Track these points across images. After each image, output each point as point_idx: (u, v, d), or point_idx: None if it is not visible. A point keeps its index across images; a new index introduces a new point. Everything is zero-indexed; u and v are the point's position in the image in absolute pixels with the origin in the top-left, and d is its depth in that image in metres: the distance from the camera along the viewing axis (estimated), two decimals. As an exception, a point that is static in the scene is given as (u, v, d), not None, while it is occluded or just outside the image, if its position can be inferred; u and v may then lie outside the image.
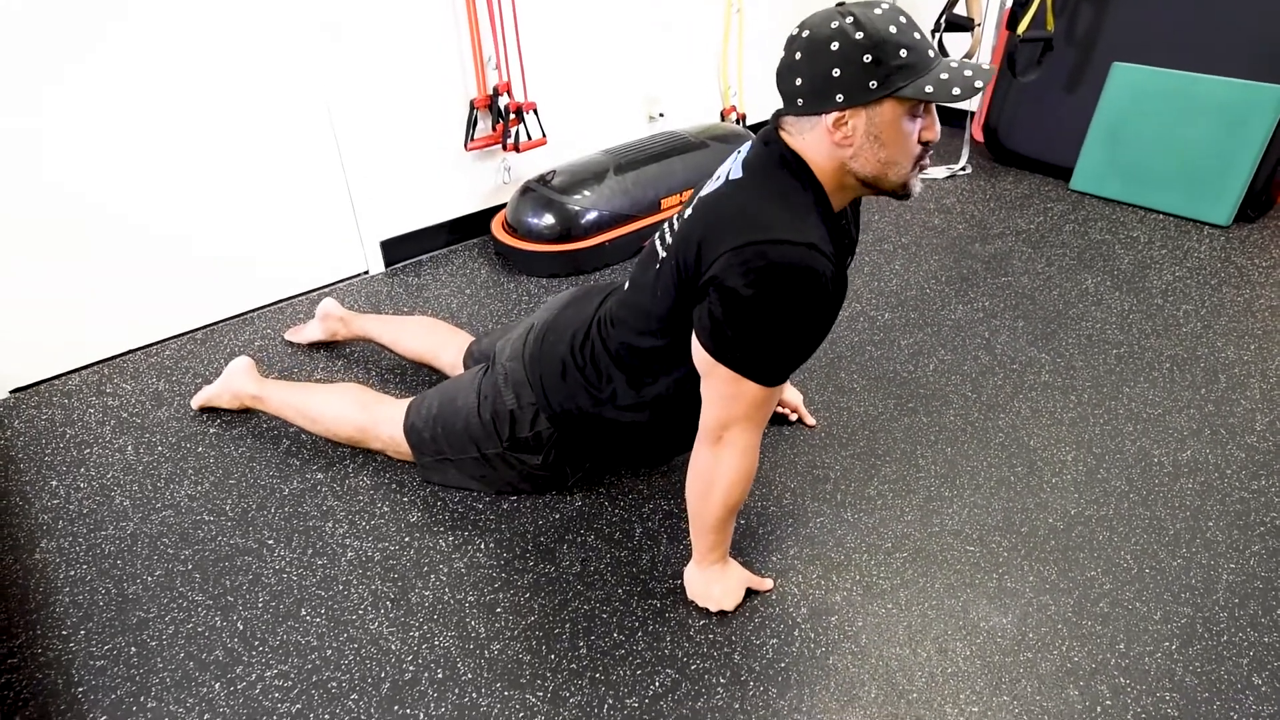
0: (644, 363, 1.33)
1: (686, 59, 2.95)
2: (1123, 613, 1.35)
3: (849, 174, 1.10)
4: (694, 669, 1.26)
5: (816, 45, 1.02)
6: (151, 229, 1.93)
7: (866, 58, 1.00)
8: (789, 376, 1.17)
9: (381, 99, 2.18)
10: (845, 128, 1.05)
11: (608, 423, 1.39)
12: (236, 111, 1.95)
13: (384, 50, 2.13)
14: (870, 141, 1.05)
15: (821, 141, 1.08)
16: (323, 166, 2.16)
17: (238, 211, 2.06)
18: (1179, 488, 1.60)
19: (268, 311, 2.20)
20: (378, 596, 1.37)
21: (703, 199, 1.18)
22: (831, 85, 1.02)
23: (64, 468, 1.65)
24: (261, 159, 2.04)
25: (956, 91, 1.00)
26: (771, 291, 1.04)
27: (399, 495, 1.58)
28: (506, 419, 1.44)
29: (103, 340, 1.96)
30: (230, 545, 1.46)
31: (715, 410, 1.17)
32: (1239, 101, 2.49)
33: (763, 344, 1.08)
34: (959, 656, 1.28)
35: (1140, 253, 2.49)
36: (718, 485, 1.22)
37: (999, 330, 2.11)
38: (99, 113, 1.76)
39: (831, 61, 1.01)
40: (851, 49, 1.00)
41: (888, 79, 1.00)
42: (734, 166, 1.17)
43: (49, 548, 1.46)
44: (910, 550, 1.47)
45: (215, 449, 1.69)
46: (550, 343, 1.44)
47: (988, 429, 1.77)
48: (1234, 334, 2.08)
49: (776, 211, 1.07)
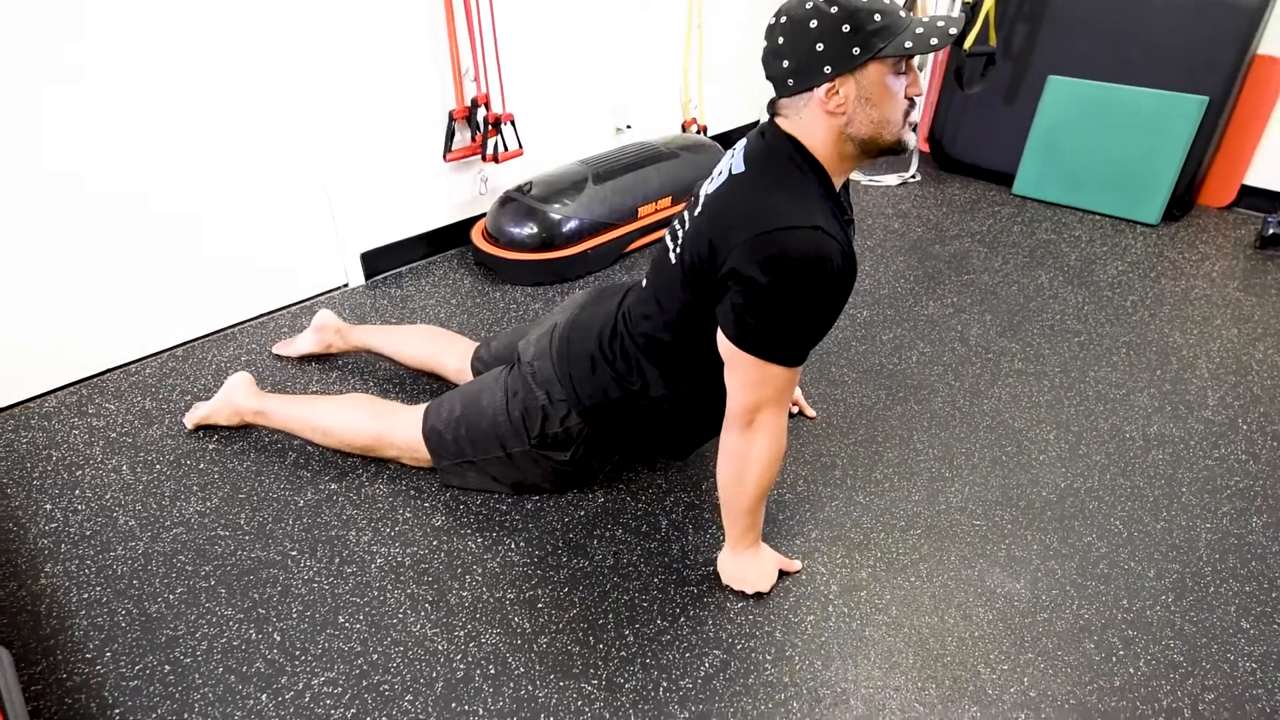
0: (669, 355, 1.37)
1: (650, 73, 3.03)
2: (1120, 573, 1.46)
3: (847, 141, 1.16)
4: (740, 648, 1.29)
5: (797, 26, 1.09)
6: (126, 244, 1.85)
7: (845, 27, 1.06)
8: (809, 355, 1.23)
9: (364, 111, 2.16)
10: (837, 96, 1.10)
11: (639, 413, 1.42)
12: (215, 124, 1.90)
13: (366, 62, 2.12)
14: (862, 104, 1.11)
15: (816, 116, 1.14)
16: (304, 178, 2.12)
17: (217, 225, 1.99)
18: (1151, 459, 1.74)
19: (249, 326, 2.14)
20: (415, 600, 1.35)
21: (709, 196, 1.23)
22: (818, 59, 1.08)
23: (56, 490, 1.56)
24: (242, 171, 1.99)
25: (934, 42, 1.07)
26: (786, 276, 1.09)
27: (419, 500, 1.56)
28: (538, 415, 1.45)
29: (78, 360, 1.86)
30: (252, 559, 1.42)
31: (743, 396, 1.21)
32: (1162, 110, 2.72)
33: (784, 327, 1.14)
34: (983, 621, 1.35)
35: (1084, 250, 2.69)
36: (751, 468, 1.26)
37: (970, 324, 2.24)
38: (71, 118, 1.69)
39: (813, 37, 1.07)
40: (830, 22, 1.06)
41: (868, 43, 1.07)
42: (735, 161, 1.23)
43: (55, 572, 1.38)
44: (923, 527, 1.55)
45: (218, 464, 1.63)
46: (577, 340, 1.46)
47: (974, 413, 1.87)
48: (1177, 320, 2.26)
49: (782, 199, 1.13)
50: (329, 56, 2.04)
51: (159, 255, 1.91)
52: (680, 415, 1.43)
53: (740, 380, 1.21)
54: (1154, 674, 1.27)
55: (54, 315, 1.79)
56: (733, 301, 1.15)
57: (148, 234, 1.88)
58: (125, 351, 1.94)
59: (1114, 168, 2.86)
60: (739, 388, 1.21)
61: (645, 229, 2.59)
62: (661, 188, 2.61)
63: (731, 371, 1.22)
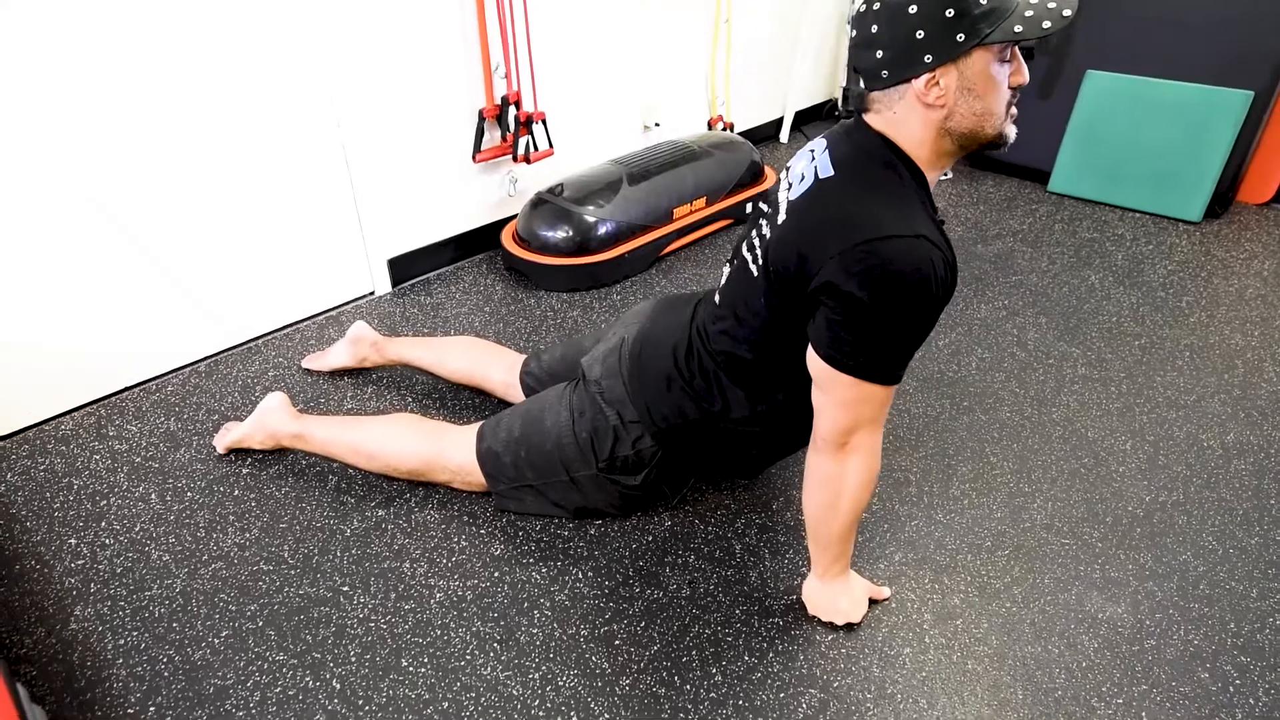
0: (753, 374, 1.27)
1: (678, 70, 2.93)
2: (1223, 593, 1.37)
3: (945, 136, 1.06)
4: (837, 686, 1.20)
5: (894, 12, 0.99)
6: (144, 253, 1.73)
7: (949, 12, 0.96)
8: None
9: (390, 111, 2.05)
10: (938, 88, 1.01)
11: (719, 435, 1.32)
12: (235, 127, 1.78)
13: (393, 60, 2.01)
14: (964, 95, 1.02)
15: (913, 110, 1.04)
16: (331, 183, 2.00)
17: (238, 234, 1.87)
18: (1234, 469, 1.66)
19: (274, 338, 2.02)
20: (482, 639, 1.24)
21: (793, 203, 1.13)
22: (917, 47, 0.99)
23: (81, 523, 1.44)
24: (264, 176, 1.87)
25: (1047, 25, 0.96)
26: (888, 291, 1.00)
27: (474, 528, 1.45)
28: (608, 436, 1.35)
29: (94, 378, 1.74)
30: (301, 596, 1.31)
31: (838, 417, 1.12)
32: (1205, 105, 2.65)
33: (884, 344, 1.04)
34: (1089, 650, 1.27)
35: (1129, 249, 2.61)
36: (847, 492, 1.17)
37: (1025, 327, 2.15)
38: (86, 126, 1.57)
39: (913, 24, 0.98)
40: (931, 7, 0.97)
41: (974, 28, 0.97)
42: (820, 163, 1.13)
43: (86, 615, 1.26)
44: (1010, 547, 1.46)
45: (254, 491, 1.52)
46: (649, 356, 1.36)
47: (1044, 423, 1.79)
48: (1236, 321, 2.19)
49: (879, 207, 1.03)
50: (354, 54, 1.93)
51: (177, 265, 1.79)
52: (764, 435, 1.33)
53: (835, 401, 1.11)
54: (1275, 704, 1.19)
55: (68, 330, 1.66)
56: (827, 318, 1.05)
57: (165, 242, 1.76)
58: (144, 368, 1.82)
59: (1155, 164, 2.79)
60: (833, 409, 1.11)
61: (681, 230, 2.49)
62: (697, 188, 2.51)
63: (824, 392, 1.12)
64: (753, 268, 1.20)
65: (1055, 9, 0.98)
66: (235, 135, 1.79)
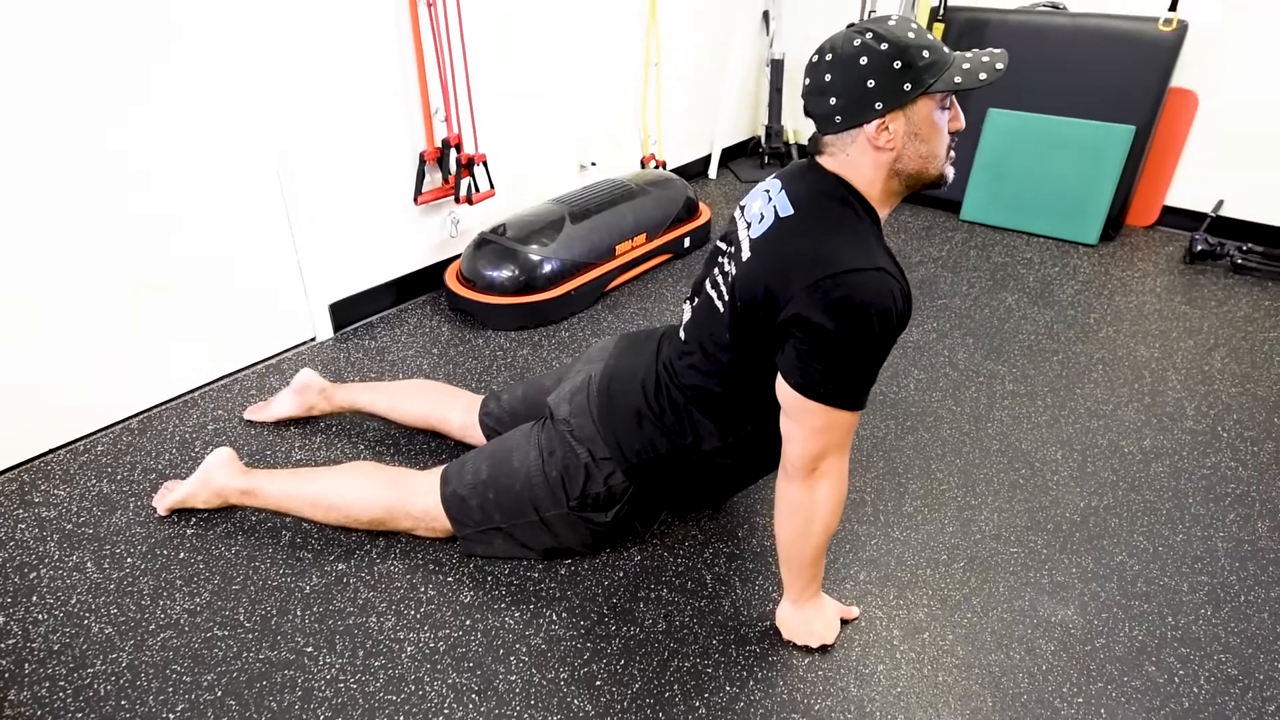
0: (722, 407, 1.30)
1: (611, 111, 2.99)
2: (1158, 589, 1.47)
3: (894, 176, 1.14)
4: (818, 709, 1.22)
5: (846, 63, 1.07)
6: (67, 303, 1.63)
7: (896, 64, 1.06)
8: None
9: (330, 154, 2.02)
10: (887, 132, 1.09)
11: (691, 466, 1.34)
12: (172, 167, 1.72)
13: (333, 104, 1.98)
14: (911, 140, 1.10)
15: (864, 153, 1.12)
16: (269, 226, 1.95)
17: (172, 279, 1.79)
18: (1153, 472, 1.79)
19: (212, 390, 1.92)
20: (459, 691, 1.21)
21: (757, 240, 1.18)
22: (868, 95, 1.07)
23: (8, 598, 1.32)
24: (200, 220, 1.80)
25: (983, 77, 1.07)
26: (854, 321, 1.05)
27: (441, 575, 1.42)
28: (580, 474, 1.35)
29: (14, 441, 1.62)
30: (262, 660, 1.24)
31: (807, 444, 1.16)
32: (1095, 139, 2.89)
33: (850, 372, 1.10)
34: (1046, 653, 1.33)
35: (1038, 271, 2.80)
36: (818, 517, 1.21)
37: (955, 348, 2.28)
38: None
39: (864, 74, 1.06)
40: (881, 59, 1.06)
41: (919, 79, 1.06)
42: (779, 202, 1.19)
43: (22, 699, 1.15)
44: (965, 559, 1.52)
45: (201, 552, 1.44)
46: (618, 392, 1.37)
47: (981, 438, 1.88)
48: (1139, 335, 2.37)
49: (841, 242, 1.10)
50: (293, 98, 1.90)
51: (105, 314, 1.70)
52: (735, 466, 1.36)
53: (805, 429, 1.14)
54: (1217, 691, 1.28)
55: (-17, 391, 1.55)
56: (797, 349, 1.10)
57: (91, 290, 1.66)
58: (70, 427, 1.70)
59: (1054, 193, 3.01)
60: (803, 436, 1.15)
61: (624, 266, 2.53)
62: (637, 224, 2.56)
63: (795, 420, 1.15)
64: (718, 304, 1.24)
65: (989, 63, 1.08)
66: (169, 176, 1.72)
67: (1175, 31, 2.71)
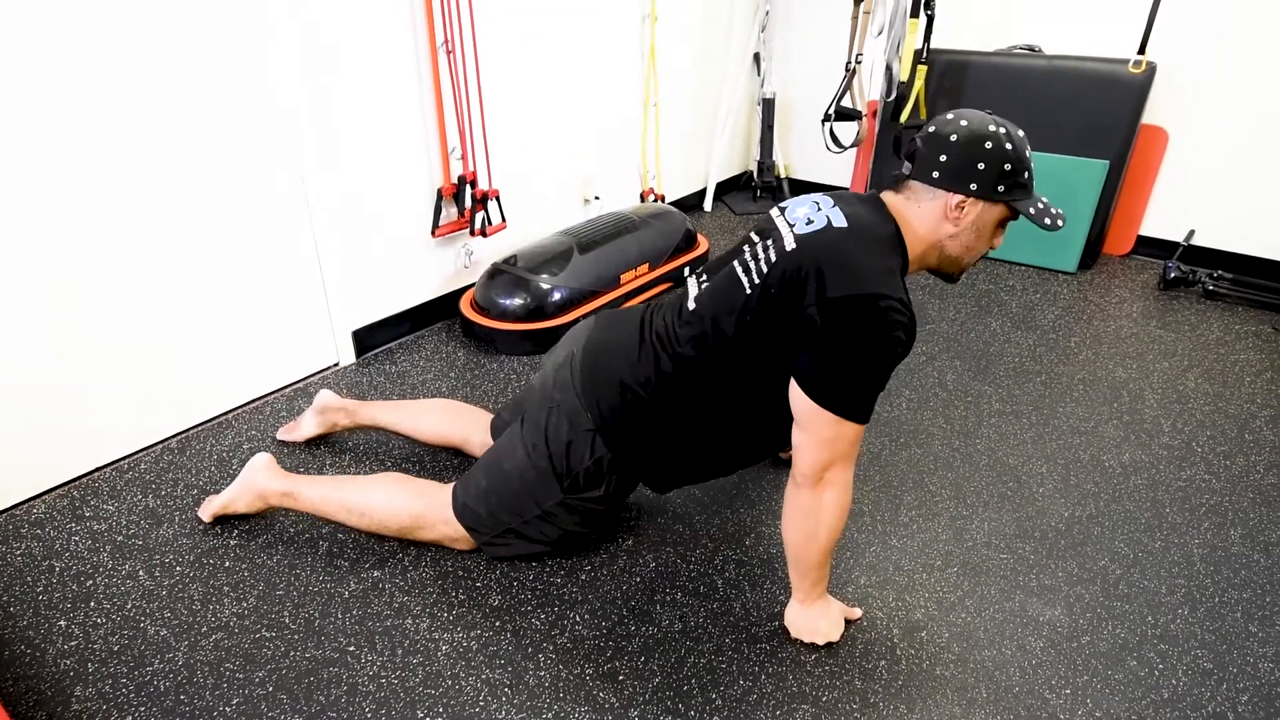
0: (711, 381, 1.36)
1: (613, 148, 3.15)
2: (1139, 591, 1.58)
3: (937, 248, 1.30)
4: (825, 700, 1.31)
5: (974, 136, 1.21)
6: (111, 332, 1.74)
7: (1007, 165, 1.20)
8: None
9: (356, 191, 2.14)
10: (962, 211, 1.24)
11: (671, 438, 1.42)
12: (208, 206, 1.84)
13: (358, 145, 2.12)
14: (971, 230, 1.27)
15: (934, 214, 1.27)
16: (298, 259, 2.06)
17: (208, 310, 1.90)
18: (1132, 484, 1.90)
19: (244, 412, 2.03)
20: (492, 685, 1.30)
21: (805, 237, 1.26)
22: (971, 173, 1.21)
23: (68, 605, 1.41)
24: (235, 253, 1.92)
25: (1047, 222, 1.24)
26: (874, 340, 1.18)
27: (470, 580, 1.51)
28: (563, 454, 1.43)
29: (64, 460, 1.72)
30: (308, 659, 1.32)
31: (816, 454, 1.26)
32: (1071, 173, 3.06)
33: (862, 386, 1.21)
34: (1036, 649, 1.43)
35: (1021, 297, 2.94)
36: (824, 523, 1.31)
37: (944, 370, 2.40)
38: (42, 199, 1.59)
39: (980, 154, 1.20)
40: (999, 152, 1.20)
41: (1012, 189, 1.22)
42: (833, 214, 1.28)
43: (87, 695, 1.24)
44: (959, 564, 1.63)
45: (245, 561, 1.53)
46: (604, 365, 1.45)
47: (971, 454, 2.00)
48: (1117, 357, 2.51)
49: (880, 270, 1.22)
50: (322, 139, 2.03)
51: (146, 343, 1.80)
52: (715, 443, 1.44)
53: (815, 438, 1.25)
54: (1193, 683, 1.38)
55: (34, 412, 1.64)
56: (814, 359, 1.21)
57: (133, 321, 1.77)
58: (115, 448, 1.80)
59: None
60: (813, 446, 1.26)
61: (628, 294, 2.65)
62: (640, 254, 2.69)
63: (805, 431, 1.26)
64: (744, 281, 1.31)
65: (1054, 215, 1.25)
66: (205, 214, 1.84)
67: (1145, 72, 2.89)
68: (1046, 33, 3.20)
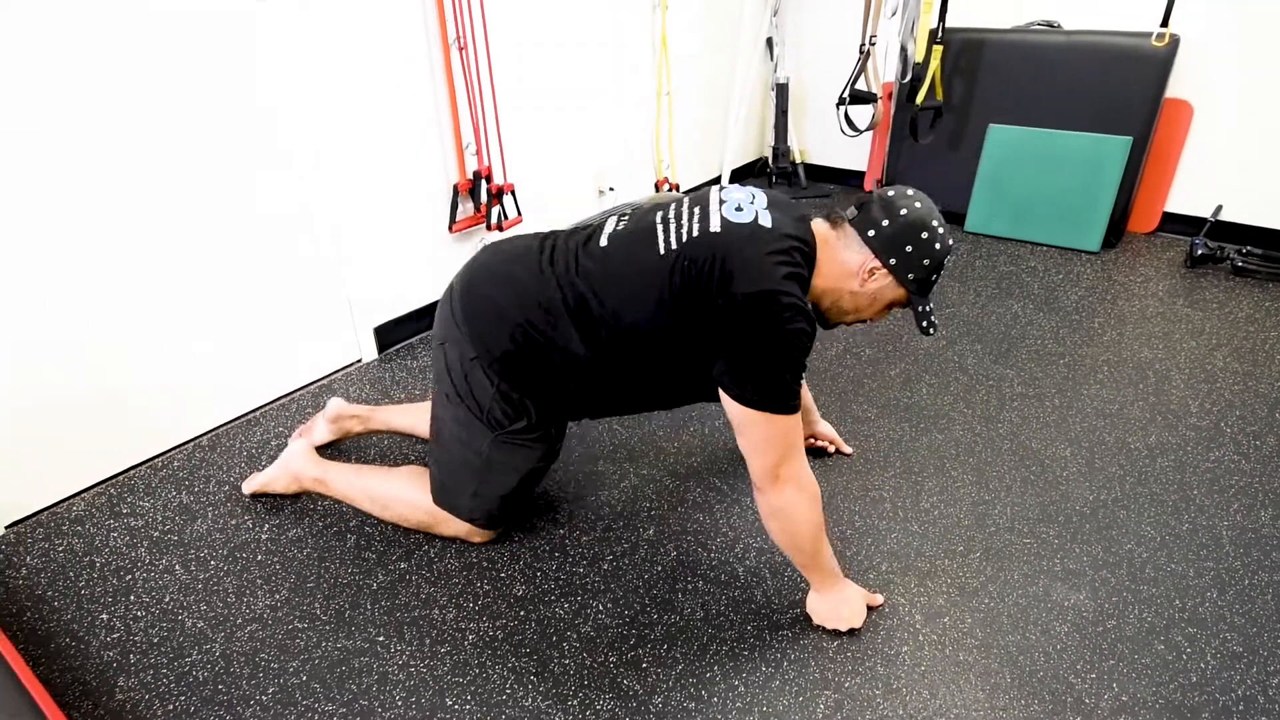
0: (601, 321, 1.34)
1: (626, 138, 3.15)
2: (1166, 575, 1.56)
3: (835, 294, 1.36)
4: (848, 686, 1.32)
5: (919, 223, 1.28)
6: (141, 333, 1.78)
7: (928, 261, 1.29)
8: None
9: (373, 189, 2.17)
10: (872, 279, 1.31)
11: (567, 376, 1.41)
12: (230, 208, 1.87)
13: (374, 144, 2.14)
14: (869, 296, 1.34)
15: (849, 265, 1.32)
16: (319, 258, 2.09)
17: (234, 311, 1.94)
18: (1159, 466, 1.88)
19: (271, 409, 2.07)
20: (519, 673, 1.32)
21: (730, 224, 1.28)
22: (898, 250, 1.28)
23: (109, 599, 1.46)
24: (256, 254, 1.95)
25: (924, 325, 1.36)
26: (778, 333, 1.22)
27: (494, 571, 1.54)
28: (468, 390, 1.42)
29: (100, 459, 1.77)
30: (340, 649, 1.36)
31: (762, 457, 1.29)
32: (1093, 151, 3.01)
33: (779, 379, 1.25)
34: (1060, 633, 1.43)
35: (1043, 279, 2.91)
36: (797, 519, 1.33)
37: (965, 354, 2.39)
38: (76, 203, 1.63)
39: (915, 240, 1.28)
40: (930, 249, 1.29)
41: (919, 282, 1.31)
42: (761, 213, 1.30)
43: (130, 685, 1.28)
44: (981, 550, 1.62)
45: (276, 555, 1.57)
46: (480, 294, 1.42)
47: (993, 438, 1.99)
48: (1143, 337, 2.47)
49: (786, 275, 1.25)
50: (338, 139, 2.05)
51: (175, 345, 1.84)
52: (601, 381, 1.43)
53: (754, 441, 1.29)
54: (1222, 667, 1.37)
55: (70, 413, 1.69)
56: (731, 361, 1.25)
57: (162, 325, 1.81)
58: (148, 446, 1.85)
59: (1055, 203, 3.13)
60: (755, 450, 1.30)
61: (646, 286, 2.66)
62: (656, 245, 2.69)
63: (745, 436, 1.30)
64: (661, 242, 1.30)
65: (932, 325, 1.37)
66: (225, 215, 1.87)
67: (1168, 45, 2.83)
68: (1065, 7, 3.14)
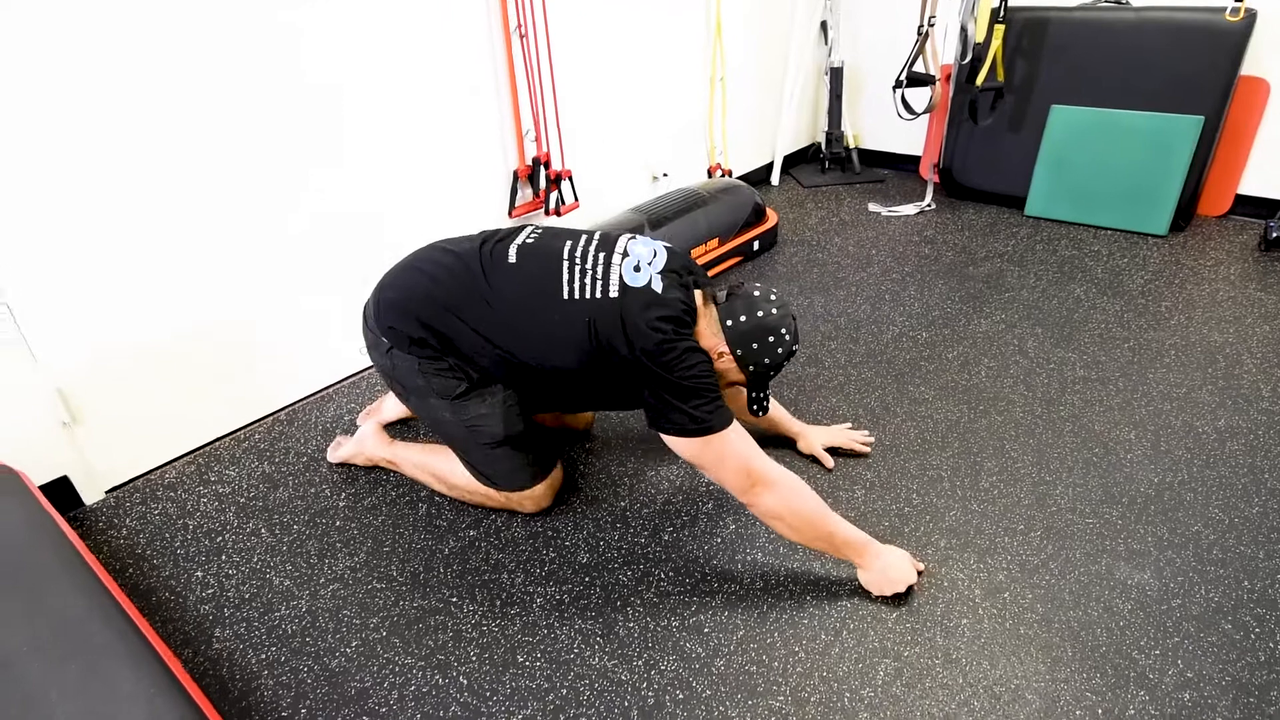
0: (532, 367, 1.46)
1: (680, 124, 3.17)
2: (1234, 556, 1.54)
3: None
4: (907, 655, 1.34)
5: (772, 326, 1.40)
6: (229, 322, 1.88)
7: (768, 360, 1.41)
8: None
9: (437, 177, 2.25)
10: (720, 360, 1.41)
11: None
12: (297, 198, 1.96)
13: (438, 135, 2.21)
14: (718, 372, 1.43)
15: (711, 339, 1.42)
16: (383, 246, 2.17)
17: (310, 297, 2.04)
18: (1228, 450, 1.84)
19: (343, 387, 2.17)
20: (586, 635, 1.38)
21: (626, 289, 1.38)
22: (746, 344, 1.40)
23: (203, 558, 1.56)
24: (326, 244, 2.04)
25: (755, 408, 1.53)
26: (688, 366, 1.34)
27: (559, 541, 1.59)
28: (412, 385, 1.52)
29: (190, 430, 1.89)
30: (416, 608, 1.43)
31: (730, 476, 1.38)
32: (1162, 131, 2.92)
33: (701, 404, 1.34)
34: (1123, 611, 1.42)
35: (1106, 263, 2.84)
36: (790, 513, 1.39)
37: (1025, 338, 2.36)
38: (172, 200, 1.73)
39: (762, 340, 1.39)
40: (774, 352, 1.41)
41: (758, 375, 1.44)
42: (655, 279, 1.40)
43: (225, 636, 1.38)
44: (1041, 529, 1.62)
45: (354, 521, 1.65)
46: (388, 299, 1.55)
47: (1054, 420, 1.97)
48: (1212, 321, 2.41)
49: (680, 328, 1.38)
50: (404, 131, 2.13)
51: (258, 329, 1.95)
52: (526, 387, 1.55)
53: (709, 465, 1.39)
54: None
55: (165, 388, 1.80)
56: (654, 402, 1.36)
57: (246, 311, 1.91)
58: (233, 419, 1.97)
59: (1121, 185, 3.05)
60: (717, 468, 1.39)
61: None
62: (710, 229, 2.72)
63: (701, 463, 1.40)
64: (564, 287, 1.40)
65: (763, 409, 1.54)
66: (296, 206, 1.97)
67: (1244, 20, 2.73)
68: (1134, -16, 3.05)
